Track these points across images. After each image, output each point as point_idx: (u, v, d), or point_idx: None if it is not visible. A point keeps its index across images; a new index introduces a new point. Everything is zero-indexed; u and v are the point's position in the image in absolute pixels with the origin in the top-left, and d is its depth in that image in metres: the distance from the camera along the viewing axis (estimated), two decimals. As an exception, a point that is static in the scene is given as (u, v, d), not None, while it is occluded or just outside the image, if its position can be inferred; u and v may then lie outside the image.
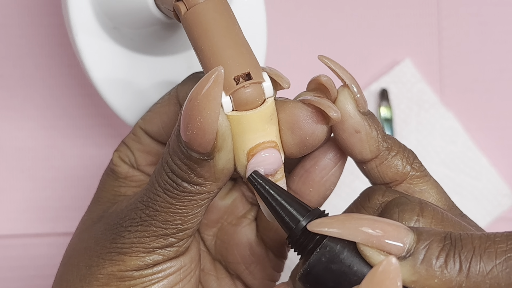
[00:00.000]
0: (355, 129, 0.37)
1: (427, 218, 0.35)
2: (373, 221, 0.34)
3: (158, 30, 0.46)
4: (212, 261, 0.45)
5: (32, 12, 0.62)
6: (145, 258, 0.38)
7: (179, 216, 0.37)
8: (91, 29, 0.48)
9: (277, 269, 0.45)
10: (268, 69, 0.37)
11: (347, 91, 0.37)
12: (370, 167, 0.39)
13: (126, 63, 0.49)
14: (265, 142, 0.36)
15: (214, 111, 0.33)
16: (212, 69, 0.33)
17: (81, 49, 0.48)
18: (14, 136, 0.62)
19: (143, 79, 0.49)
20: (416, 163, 0.39)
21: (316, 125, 0.37)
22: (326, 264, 0.34)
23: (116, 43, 0.48)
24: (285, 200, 0.36)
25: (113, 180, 0.43)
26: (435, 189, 0.39)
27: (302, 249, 0.36)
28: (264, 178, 0.36)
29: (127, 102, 0.49)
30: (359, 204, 0.39)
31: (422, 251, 0.33)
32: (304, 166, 0.41)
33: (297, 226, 0.35)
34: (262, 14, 0.52)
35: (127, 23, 0.46)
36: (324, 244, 0.34)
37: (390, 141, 0.39)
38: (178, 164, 0.36)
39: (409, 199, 0.36)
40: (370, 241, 0.33)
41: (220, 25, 0.36)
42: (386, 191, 0.38)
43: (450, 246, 0.33)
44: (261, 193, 0.36)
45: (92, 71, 0.49)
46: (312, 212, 0.36)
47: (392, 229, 0.33)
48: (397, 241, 0.33)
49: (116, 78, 0.49)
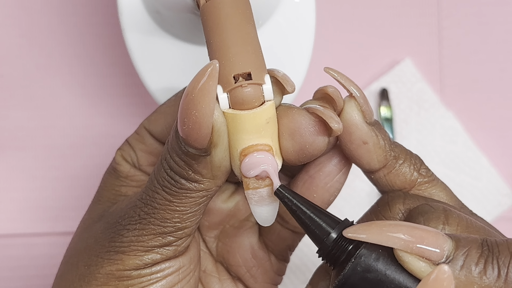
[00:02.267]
0: (363, 140, 0.37)
1: (453, 226, 0.35)
2: (411, 228, 0.34)
3: (194, 19, 0.47)
4: (214, 263, 0.44)
5: (32, 12, 0.62)
6: (144, 257, 0.38)
7: (177, 214, 0.37)
8: (136, 11, 0.50)
9: (279, 273, 0.45)
10: (278, 72, 0.36)
11: (354, 102, 0.37)
12: (378, 176, 0.39)
13: (166, 47, 0.51)
14: (258, 144, 0.36)
15: (208, 105, 0.33)
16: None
17: (125, 29, 0.50)
18: (14, 136, 0.62)
19: (180, 64, 0.52)
20: (423, 168, 0.39)
21: (317, 135, 0.36)
22: (362, 273, 0.34)
23: (158, 27, 0.51)
24: (314, 213, 0.36)
25: (114, 179, 0.43)
26: (444, 191, 0.39)
27: (334, 261, 0.35)
28: (291, 192, 0.36)
29: (161, 83, 0.52)
30: (379, 213, 0.38)
31: (461, 258, 0.33)
32: (308, 171, 0.41)
33: (328, 238, 0.35)
34: (312, 15, 0.53)
35: (166, 5, 0.48)
36: (359, 254, 0.34)
37: (397, 150, 0.39)
38: (176, 161, 0.36)
39: (433, 207, 0.36)
40: (409, 247, 0.33)
41: (232, 22, 0.36)
42: (406, 198, 0.38)
43: (488, 252, 0.34)
44: (289, 207, 0.36)
45: (134, 50, 0.51)
46: (342, 223, 0.36)
47: (431, 236, 0.33)
48: (436, 248, 0.33)
49: (155, 59, 0.51)
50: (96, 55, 0.62)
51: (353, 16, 0.64)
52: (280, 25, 0.52)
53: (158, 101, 0.52)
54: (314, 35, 0.53)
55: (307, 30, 0.53)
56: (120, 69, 0.62)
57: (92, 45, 0.62)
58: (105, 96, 0.63)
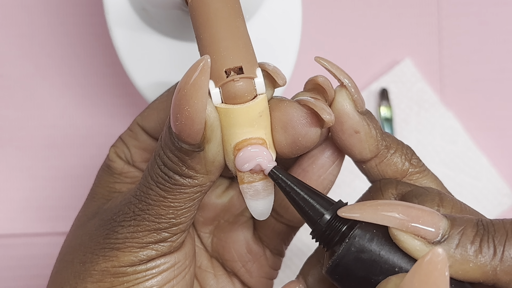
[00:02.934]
0: (355, 129, 0.37)
1: (447, 208, 0.36)
2: (406, 207, 0.34)
3: (181, 15, 0.47)
4: (209, 259, 0.45)
5: (32, 12, 0.62)
6: (139, 253, 0.38)
7: (171, 210, 0.37)
8: (122, 9, 0.50)
9: (274, 267, 0.45)
10: (268, 65, 0.36)
11: (345, 91, 0.37)
12: (369, 166, 0.39)
13: (153, 44, 0.51)
14: (252, 138, 0.36)
15: (201, 100, 0.33)
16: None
17: (112, 27, 0.50)
18: (14, 136, 0.62)
19: (168, 61, 0.52)
20: (414, 159, 0.39)
21: (309, 127, 0.36)
22: (356, 253, 0.34)
23: (145, 24, 0.50)
24: (308, 194, 0.36)
25: (108, 175, 0.43)
26: (434, 182, 0.39)
27: (328, 242, 0.35)
28: (285, 173, 0.36)
29: (149, 80, 0.52)
30: (371, 198, 0.38)
31: (457, 237, 0.33)
32: (301, 164, 0.41)
33: (321, 219, 0.35)
34: (299, 8, 0.54)
35: (152, 2, 0.48)
36: (353, 234, 0.34)
37: (388, 139, 0.39)
38: (170, 157, 0.36)
39: (427, 190, 0.36)
40: (404, 225, 0.33)
41: (221, 16, 0.36)
42: (399, 184, 0.38)
43: (484, 231, 0.34)
44: (283, 188, 0.36)
45: (121, 48, 0.51)
46: (336, 204, 0.36)
47: (427, 215, 0.33)
48: (432, 226, 0.33)
49: (142, 57, 0.51)
50: (96, 55, 0.63)
51: (353, 15, 0.64)
52: (267, 19, 0.52)
53: (148, 99, 0.52)
54: (301, 27, 0.53)
55: (294, 22, 0.53)
56: (119, 69, 0.62)
57: (92, 45, 0.63)
58: (105, 96, 0.63)
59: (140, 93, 0.52)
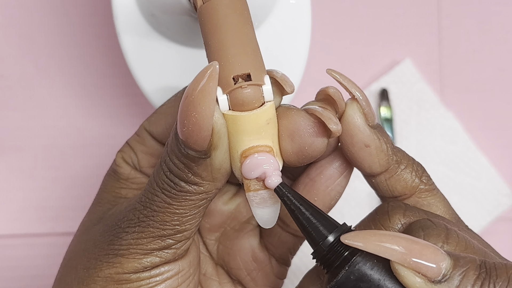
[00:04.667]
0: (365, 143, 0.37)
1: (452, 246, 0.35)
2: (410, 241, 0.33)
3: (190, 21, 0.47)
4: (214, 266, 0.44)
5: (32, 12, 0.62)
6: (143, 260, 0.37)
7: (176, 217, 0.37)
8: (131, 14, 0.50)
9: (280, 276, 0.44)
10: (277, 72, 0.36)
11: (356, 104, 0.37)
12: (379, 180, 0.38)
13: (161, 50, 0.51)
14: (259, 145, 0.35)
15: (208, 106, 0.33)
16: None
17: (121, 33, 0.50)
18: (14, 136, 0.62)
19: (175, 66, 0.51)
20: (425, 176, 0.39)
21: (316, 136, 0.36)
22: (355, 282, 0.33)
23: (154, 30, 0.50)
24: (312, 215, 0.35)
25: (114, 181, 0.42)
26: (442, 202, 0.39)
27: (329, 265, 0.35)
28: (292, 191, 0.35)
29: (157, 85, 0.51)
30: (378, 222, 0.37)
31: (458, 278, 0.33)
32: (309, 174, 0.40)
33: (324, 242, 0.35)
34: (308, 16, 0.53)
35: (162, 9, 0.48)
36: (354, 262, 0.33)
37: (399, 154, 0.38)
38: (176, 163, 0.36)
39: (435, 224, 0.36)
40: (406, 260, 0.33)
41: (230, 23, 0.36)
42: (407, 209, 0.37)
43: (486, 275, 0.33)
44: (288, 206, 0.35)
45: (129, 53, 0.51)
46: (340, 227, 0.35)
47: (430, 252, 0.33)
48: (434, 264, 0.33)
49: (151, 64, 0.51)
50: (96, 55, 0.62)
51: (353, 16, 0.64)
52: (276, 27, 0.52)
53: (154, 104, 0.52)
54: (310, 35, 0.53)
55: (303, 30, 0.53)
56: (120, 69, 0.62)
57: (92, 45, 0.62)
58: (105, 96, 0.63)
59: (147, 98, 0.52)
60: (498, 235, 0.65)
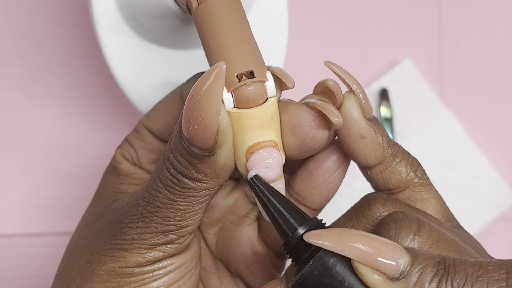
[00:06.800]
0: (361, 134, 0.38)
1: (423, 238, 0.35)
2: (369, 239, 0.34)
3: (176, 23, 0.47)
4: (213, 260, 0.45)
5: (32, 12, 0.62)
6: (146, 254, 0.38)
7: (180, 213, 0.37)
8: (112, 19, 0.49)
9: (278, 269, 0.45)
10: (274, 68, 0.36)
11: (353, 96, 0.37)
12: (374, 172, 0.39)
13: (144, 54, 0.50)
14: (264, 141, 0.36)
15: (215, 106, 0.33)
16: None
17: (102, 38, 0.49)
18: (14, 136, 0.62)
19: (161, 70, 0.51)
20: (419, 171, 0.39)
21: (317, 129, 0.36)
22: (318, 277, 0.34)
23: (136, 34, 0.50)
24: (284, 207, 0.36)
25: (114, 177, 0.43)
26: (436, 198, 0.39)
27: (297, 257, 0.36)
28: (264, 183, 0.36)
29: (143, 91, 0.51)
30: (358, 211, 0.38)
31: (416, 275, 0.33)
32: (307, 168, 0.41)
33: (293, 235, 0.35)
34: (285, 11, 0.53)
35: (146, 14, 0.47)
36: (318, 257, 0.34)
37: (395, 148, 0.39)
38: (180, 160, 0.36)
39: (407, 216, 0.36)
40: (364, 259, 0.33)
41: (228, 22, 0.36)
42: (387, 200, 0.38)
43: (444, 272, 0.33)
44: (260, 198, 0.36)
45: (111, 59, 0.50)
46: (310, 221, 0.36)
47: (388, 249, 0.33)
48: (392, 262, 0.33)
49: (134, 68, 0.51)
50: (96, 55, 0.62)
51: (353, 16, 0.64)
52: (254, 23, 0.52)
53: (141, 110, 0.51)
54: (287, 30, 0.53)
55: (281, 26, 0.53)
56: (120, 69, 0.62)
57: (92, 45, 0.62)
58: (105, 95, 0.63)
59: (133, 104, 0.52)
60: (498, 235, 0.65)
